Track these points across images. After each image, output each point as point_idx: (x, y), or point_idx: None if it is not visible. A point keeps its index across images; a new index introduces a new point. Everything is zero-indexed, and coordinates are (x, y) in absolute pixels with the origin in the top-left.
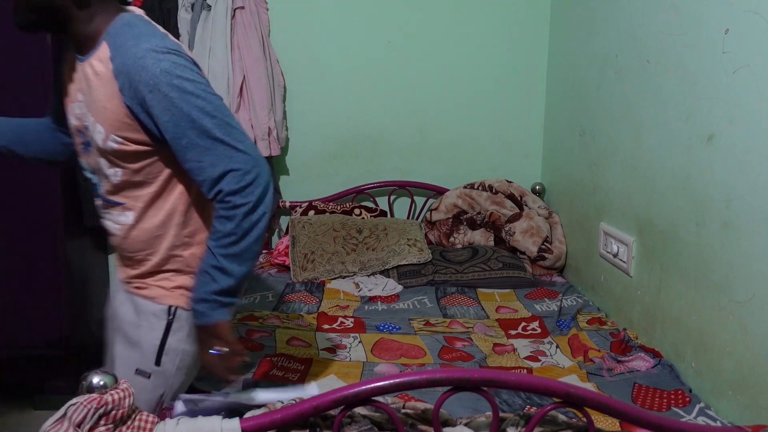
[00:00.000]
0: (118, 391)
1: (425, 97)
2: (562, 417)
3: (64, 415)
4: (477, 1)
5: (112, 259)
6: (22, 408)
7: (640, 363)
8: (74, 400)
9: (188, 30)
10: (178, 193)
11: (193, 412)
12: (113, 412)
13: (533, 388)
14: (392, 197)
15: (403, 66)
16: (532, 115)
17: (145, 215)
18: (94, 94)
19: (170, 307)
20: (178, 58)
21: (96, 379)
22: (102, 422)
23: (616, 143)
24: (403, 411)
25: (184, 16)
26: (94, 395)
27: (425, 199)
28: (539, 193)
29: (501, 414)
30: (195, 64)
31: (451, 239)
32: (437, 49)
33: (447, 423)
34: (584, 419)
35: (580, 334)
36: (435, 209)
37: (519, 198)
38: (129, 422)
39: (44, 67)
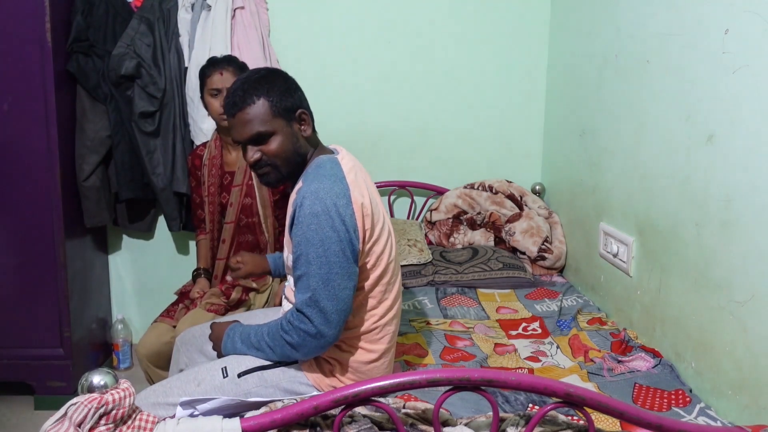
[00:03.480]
0: (118, 390)
1: (425, 97)
2: (562, 417)
3: (65, 414)
4: (477, 1)
5: (112, 259)
6: (22, 408)
7: (641, 363)
8: (75, 400)
9: (188, 30)
10: None
11: (192, 413)
12: (114, 412)
13: (533, 388)
14: (392, 197)
15: (403, 66)
16: (532, 115)
17: None
18: None
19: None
20: None
21: (96, 379)
22: (102, 422)
23: (616, 143)
24: (403, 411)
25: (184, 16)
26: (95, 395)
27: (425, 199)
28: (539, 193)
29: (501, 414)
30: None
31: (451, 239)
32: (437, 49)
33: (447, 423)
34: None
35: (580, 334)
36: (435, 209)
37: (519, 198)
38: (129, 422)
39: (44, 67)
